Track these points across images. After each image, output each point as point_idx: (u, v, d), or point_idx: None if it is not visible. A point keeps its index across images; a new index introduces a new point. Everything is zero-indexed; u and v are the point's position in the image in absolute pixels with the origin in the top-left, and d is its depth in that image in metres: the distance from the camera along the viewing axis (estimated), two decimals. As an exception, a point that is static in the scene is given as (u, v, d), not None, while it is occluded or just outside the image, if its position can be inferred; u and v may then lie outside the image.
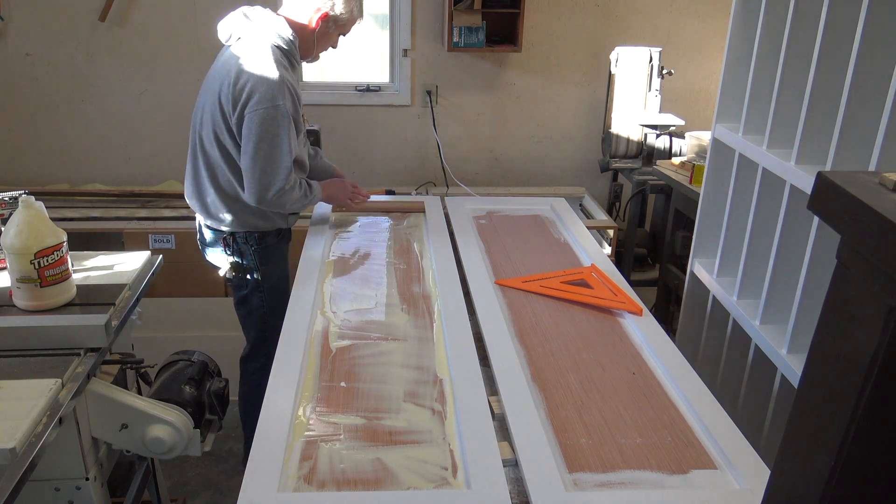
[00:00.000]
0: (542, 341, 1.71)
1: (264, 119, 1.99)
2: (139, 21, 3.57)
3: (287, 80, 2.04)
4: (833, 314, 0.72)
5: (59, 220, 3.04)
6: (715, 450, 1.35)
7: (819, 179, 0.72)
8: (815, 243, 1.76)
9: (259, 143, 2.01)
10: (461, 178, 3.88)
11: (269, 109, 1.98)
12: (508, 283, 2.01)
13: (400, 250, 2.23)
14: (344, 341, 1.68)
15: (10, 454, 1.26)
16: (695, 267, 2.48)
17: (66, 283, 1.68)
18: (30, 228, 1.58)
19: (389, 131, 3.88)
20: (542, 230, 2.45)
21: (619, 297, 1.92)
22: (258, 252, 2.25)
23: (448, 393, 1.50)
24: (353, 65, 3.87)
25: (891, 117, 1.48)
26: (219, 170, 2.16)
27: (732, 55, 2.22)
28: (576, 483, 1.25)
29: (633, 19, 3.80)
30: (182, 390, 1.75)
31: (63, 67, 3.60)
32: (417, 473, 1.26)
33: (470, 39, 3.52)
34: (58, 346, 1.60)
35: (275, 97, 1.99)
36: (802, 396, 0.77)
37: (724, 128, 2.26)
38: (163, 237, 3.08)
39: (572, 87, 3.89)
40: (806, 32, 1.85)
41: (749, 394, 2.14)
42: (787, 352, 1.87)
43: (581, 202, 3.83)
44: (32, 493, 1.56)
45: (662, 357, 1.63)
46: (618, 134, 3.57)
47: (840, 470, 0.68)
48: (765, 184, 2.04)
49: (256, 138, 2.01)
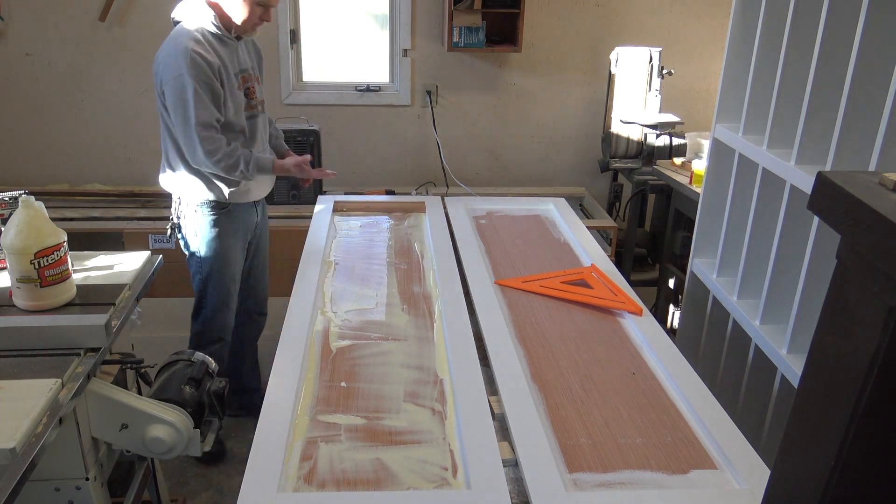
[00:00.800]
0: (542, 341, 1.71)
1: (173, 91, 2.24)
2: (139, 21, 3.57)
3: (192, 50, 2.22)
4: (833, 314, 0.72)
5: (59, 220, 3.04)
6: (715, 450, 1.35)
7: (819, 179, 0.72)
8: (815, 243, 1.76)
9: (175, 113, 2.26)
10: (461, 178, 3.88)
11: (175, 80, 2.22)
12: (508, 283, 2.01)
13: (400, 250, 2.23)
14: (344, 341, 1.68)
15: (10, 454, 1.26)
16: (695, 267, 2.48)
17: (66, 283, 1.68)
18: (30, 228, 1.58)
19: (389, 131, 3.88)
20: (542, 230, 2.45)
21: (619, 297, 1.92)
22: (194, 219, 2.46)
23: (448, 393, 1.50)
24: (353, 65, 3.87)
25: (891, 117, 1.48)
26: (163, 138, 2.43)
27: (732, 55, 2.22)
28: (576, 483, 1.25)
29: (633, 19, 3.80)
30: (182, 390, 1.75)
31: (63, 67, 3.60)
32: (417, 473, 1.26)
33: (470, 39, 3.52)
34: (58, 346, 1.60)
35: (179, 69, 2.21)
36: (802, 396, 0.77)
37: (724, 128, 2.26)
38: (163, 237, 3.08)
39: (572, 87, 3.89)
40: (806, 32, 1.85)
41: (749, 394, 2.14)
42: (787, 352, 1.87)
43: (581, 202, 3.83)
44: (32, 493, 1.56)
45: (662, 357, 1.63)
46: (618, 134, 3.57)
47: (840, 470, 0.68)
48: (765, 184, 2.04)
49: (172, 109, 2.26)
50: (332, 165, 3.76)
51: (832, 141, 1.68)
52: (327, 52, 3.84)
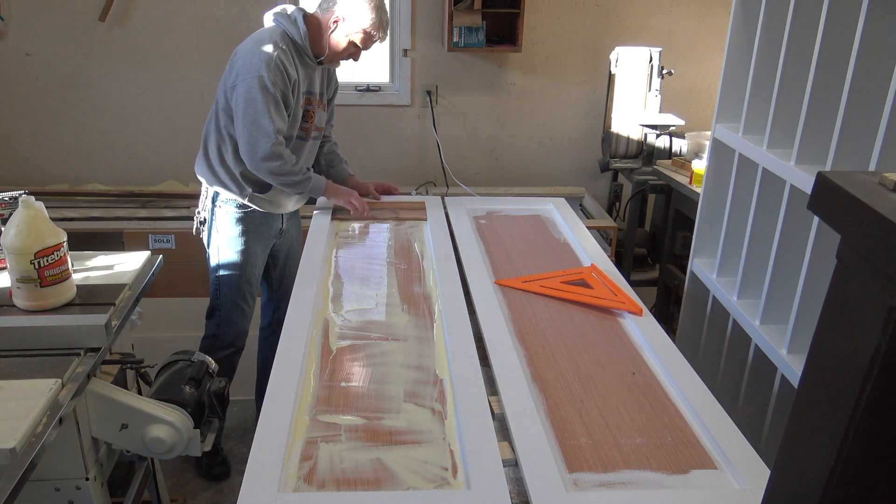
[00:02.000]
0: (542, 341, 1.71)
1: (248, 89, 2.20)
2: (139, 21, 3.57)
3: (279, 59, 2.21)
4: (833, 314, 0.72)
5: (59, 220, 3.04)
6: (715, 450, 1.35)
7: (819, 179, 0.72)
8: (815, 243, 1.76)
9: (246, 109, 2.21)
10: (461, 178, 3.88)
11: (253, 80, 2.19)
12: (508, 283, 2.01)
13: (400, 250, 2.23)
14: (344, 341, 1.68)
15: (10, 454, 1.26)
16: (695, 267, 2.48)
17: (66, 283, 1.68)
18: (30, 228, 1.58)
19: (389, 131, 3.88)
20: (542, 230, 2.45)
21: (619, 297, 1.91)
22: (219, 214, 2.44)
23: (448, 393, 1.50)
24: (354, 65, 3.85)
25: (891, 117, 1.48)
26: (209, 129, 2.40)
27: (732, 55, 2.22)
28: (576, 483, 1.25)
29: (633, 19, 3.80)
30: (182, 390, 1.75)
31: (63, 67, 3.60)
32: (417, 473, 1.26)
33: (470, 39, 3.52)
34: (58, 346, 1.60)
35: (259, 69, 2.19)
36: (802, 396, 0.77)
37: (724, 128, 2.26)
38: (163, 237, 3.08)
39: (572, 87, 3.89)
40: (806, 32, 1.85)
41: (749, 394, 2.14)
42: (787, 352, 1.87)
43: (581, 202, 3.83)
44: (32, 493, 1.56)
45: (662, 357, 1.63)
46: (618, 134, 3.57)
47: (840, 470, 0.68)
48: (765, 184, 2.04)
49: (243, 106, 2.22)
50: (332, 165, 3.78)
51: (832, 141, 1.68)
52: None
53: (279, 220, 2.56)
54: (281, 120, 2.24)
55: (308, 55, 2.34)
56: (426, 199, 2.67)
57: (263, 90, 2.19)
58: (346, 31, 2.30)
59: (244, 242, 2.47)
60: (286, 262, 2.69)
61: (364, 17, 2.28)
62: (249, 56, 2.23)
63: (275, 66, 2.20)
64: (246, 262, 2.49)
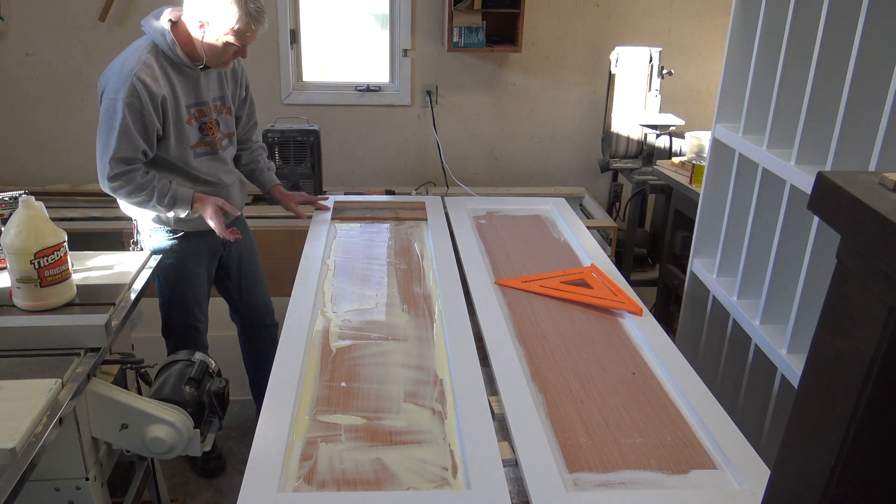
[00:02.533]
0: (542, 341, 1.71)
1: (105, 111, 2.08)
2: (139, 21, 3.55)
3: (137, 76, 2.04)
4: (833, 314, 0.72)
5: (59, 220, 3.04)
6: (715, 450, 1.35)
7: (819, 179, 0.72)
8: (815, 243, 1.76)
9: (99, 131, 2.09)
10: (461, 178, 3.88)
11: (109, 101, 2.06)
12: (508, 283, 2.01)
13: (400, 250, 2.23)
14: (344, 341, 1.68)
15: (10, 454, 1.27)
16: (695, 267, 2.48)
17: (66, 283, 1.68)
18: (30, 228, 1.58)
19: (389, 131, 3.88)
20: (542, 230, 2.45)
21: (619, 297, 1.92)
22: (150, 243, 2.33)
23: (448, 393, 1.50)
24: (353, 65, 3.87)
25: (891, 117, 1.48)
26: None
27: (732, 55, 2.22)
28: (576, 483, 1.25)
29: (633, 19, 3.80)
30: (182, 390, 1.75)
31: (63, 67, 3.60)
32: (417, 473, 1.26)
33: (470, 39, 3.52)
34: (58, 346, 1.60)
35: (117, 91, 2.04)
36: (802, 396, 0.77)
37: (724, 128, 2.26)
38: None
39: (572, 87, 3.89)
40: (806, 32, 1.85)
41: (749, 394, 2.14)
42: (787, 352, 1.87)
43: (581, 202, 3.83)
44: (32, 493, 1.56)
45: (662, 357, 1.64)
46: (618, 134, 3.57)
47: (840, 470, 0.68)
48: (765, 184, 2.04)
49: (98, 128, 2.10)
50: (332, 165, 3.78)
51: (832, 141, 1.68)
52: (327, 52, 3.84)
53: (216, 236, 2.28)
54: (133, 147, 2.06)
55: (186, 65, 2.13)
56: (426, 199, 2.67)
57: (116, 115, 2.03)
58: (216, 35, 2.06)
59: (183, 267, 2.35)
60: (241, 270, 2.55)
61: (228, 15, 2.02)
62: (110, 75, 2.09)
63: (131, 88, 2.02)
64: (191, 284, 2.39)
